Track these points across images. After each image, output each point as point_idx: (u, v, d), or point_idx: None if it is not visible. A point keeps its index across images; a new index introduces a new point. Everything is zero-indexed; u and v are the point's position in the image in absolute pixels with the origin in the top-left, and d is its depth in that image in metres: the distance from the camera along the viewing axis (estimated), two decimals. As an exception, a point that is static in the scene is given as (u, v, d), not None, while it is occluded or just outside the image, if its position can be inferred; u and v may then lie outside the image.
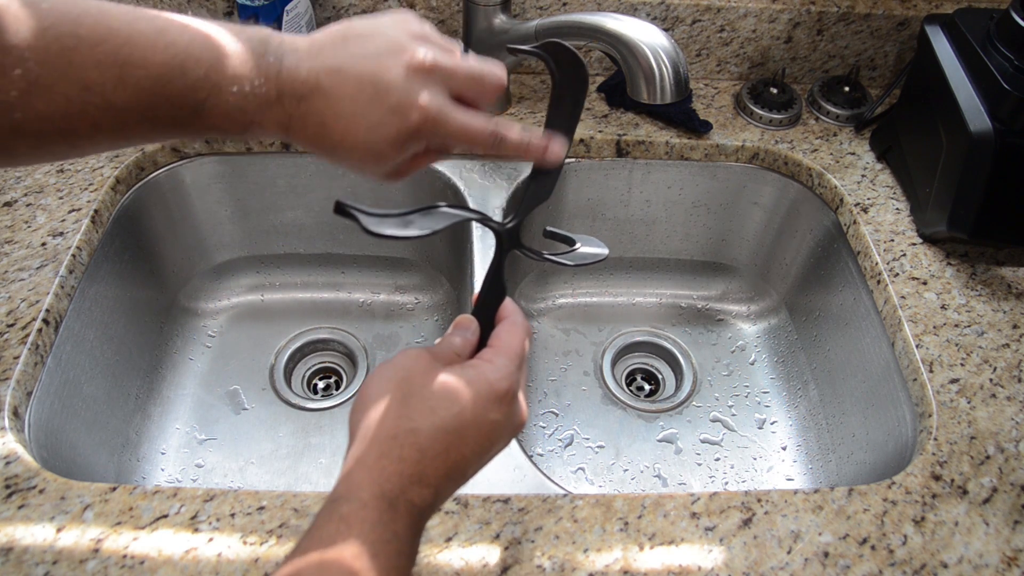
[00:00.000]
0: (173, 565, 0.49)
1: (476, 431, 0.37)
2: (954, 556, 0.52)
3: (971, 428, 0.59)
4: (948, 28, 0.72)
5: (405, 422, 0.36)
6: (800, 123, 0.85)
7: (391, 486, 0.35)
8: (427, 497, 0.36)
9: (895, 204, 0.77)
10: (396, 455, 0.35)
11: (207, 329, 0.87)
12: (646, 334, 0.91)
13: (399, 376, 0.38)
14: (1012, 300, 0.69)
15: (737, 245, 0.91)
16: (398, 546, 0.34)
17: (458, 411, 0.36)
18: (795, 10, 0.82)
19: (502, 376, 0.38)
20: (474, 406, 0.37)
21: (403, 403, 0.37)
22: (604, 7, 0.82)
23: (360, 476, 0.35)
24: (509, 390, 0.38)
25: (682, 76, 0.66)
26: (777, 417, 0.84)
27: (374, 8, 0.81)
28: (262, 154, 0.81)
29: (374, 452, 0.35)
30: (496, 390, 0.38)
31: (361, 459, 0.35)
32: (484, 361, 0.39)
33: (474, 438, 0.37)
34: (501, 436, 0.39)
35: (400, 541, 0.34)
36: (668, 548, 0.52)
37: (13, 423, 0.57)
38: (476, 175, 0.80)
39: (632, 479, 0.79)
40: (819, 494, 0.55)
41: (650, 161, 0.83)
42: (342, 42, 0.38)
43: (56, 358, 0.64)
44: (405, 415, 0.36)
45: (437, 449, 0.36)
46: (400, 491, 0.35)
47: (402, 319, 0.90)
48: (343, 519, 0.34)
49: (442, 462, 0.36)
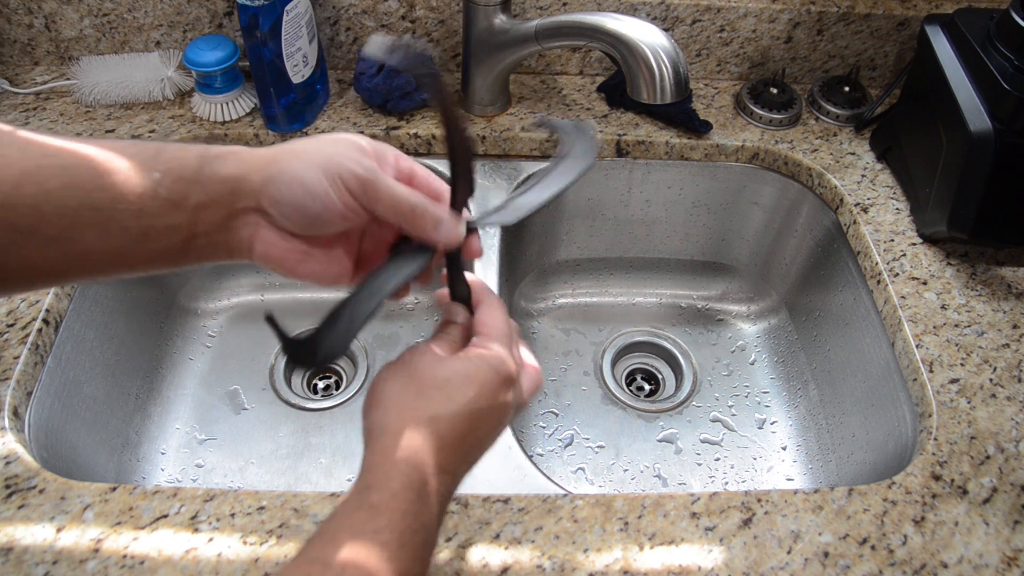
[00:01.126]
0: (173, 565, 0.49)
1: (489, 414, 0.38)
2: (954, 556, 0.52)
3: (971, 428, 0.59)
4: (948, 28, 0.72)
5: (424, 412, 0.37)
6: (800, 123, 0.85)
7: (418, 475, 0.35)
8: (448, 484, 0.37)
9: (895, 204, 0.77)
10: (420, 445, 0.36)
11: (207, 329, 0.87)
12: (646, 334, 0.91)
13: (409, 371, 0.38)
14: (1012, 300, 0.69)
15: (737, 245, 0.91)
16: (425, 536, 0.35)
17: (473, 396, 0.37)
18: (795, 10, 0.82)
19: (501, 360, 0.39)
20: (486, 391, 0.38)
21: (419, 395, 0.37)
22: (604, 7, 0.82)
23: (387, 467, 0.35)
24: (511, 372, 0.39)
25: (682, 76, 0.66)
26: (777, 417, 0.84)
27: (374, 8, 0.81)
28: (262, 154, 0.81)
29: (399, 443, 0.36)
30: (500, 374, 0.39)
31: (386, 451, 0.36)
32: (480, 348, 0.40)
33: (488, 421, 0.38)
34: (509, 414, 0.40)
35: (427, 531, 0.35)
36: (668, 548, 0.52)
37: (13, 423, 0.57)
38: (476, 175, 0.80)
39: (632, 479, 0.79)
40: (819, 494, 0.55)
41: (650, 161, 0.83)
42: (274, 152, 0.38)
43: (56, 358, 0.64)
44: (423, 406, 0.37)
45: (456, 435, 0.37)
46: (426, 480, 0.35)
47: (402, 319, 0.90)
48: (373, 507, 0.34)
49: (460, 447, 0.37)
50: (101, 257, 0.35)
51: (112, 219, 0.34)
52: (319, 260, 0.39)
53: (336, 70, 0.87)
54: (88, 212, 0.34)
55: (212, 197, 0.36)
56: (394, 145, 0.80)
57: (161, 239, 0.35)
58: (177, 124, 0.79)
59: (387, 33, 0.84)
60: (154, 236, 0.35)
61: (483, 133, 0.81)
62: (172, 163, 0.36)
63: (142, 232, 0.35)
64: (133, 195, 0.34)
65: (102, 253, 0.35)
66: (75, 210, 0.33)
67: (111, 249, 0.35)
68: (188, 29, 0.83)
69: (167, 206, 0.35)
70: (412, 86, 0.79)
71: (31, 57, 0.85)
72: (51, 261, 0.34)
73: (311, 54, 0.77)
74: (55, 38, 0.83)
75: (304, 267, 0.39)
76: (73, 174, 0.34)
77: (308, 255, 0.39)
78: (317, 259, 0.39)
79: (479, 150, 0.82)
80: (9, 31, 0.82)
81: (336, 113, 0.82)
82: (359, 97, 0.83)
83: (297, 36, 0.73)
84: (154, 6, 0.81)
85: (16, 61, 0.85)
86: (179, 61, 0.81)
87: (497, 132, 0.81)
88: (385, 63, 0.37)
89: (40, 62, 0.85)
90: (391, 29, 0.83)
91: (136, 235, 0.35)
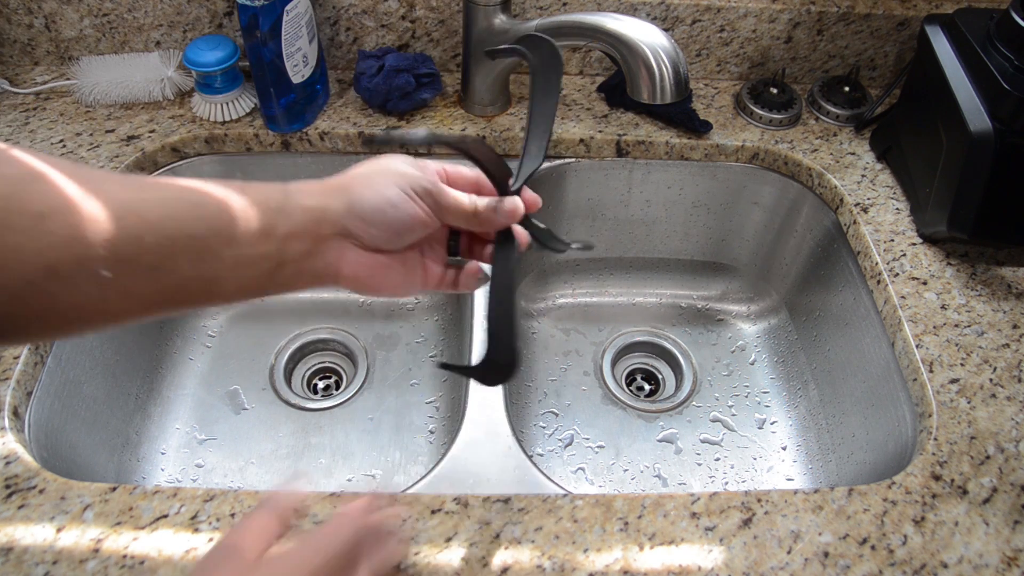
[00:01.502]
0: (173, 565, 0.49)
1: None
2: (954, 556, 0.52)
3: (971, 428, 0.59)
4: (948, 28, 0.72)
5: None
6: (800, 123, 0.85)
7: None
8: None
9: (895, 204, 0.77)
10: None
11: (207, 329, 0.87)
12: (646, 334, 0.91)
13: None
14: (1012, 300, 0.69)
15: (737, 245, 0.91)
16: None
17: None
18: (795, 10, 0.82)
19: None
20: None
21: None
22: (604, 7, 0.82)
23: None
24: None
25: (682, 76, 0.66)
26: (777, 417, 0.84)
27: (374, 8, 0.81)
28: (262, 154, 0.81)
29: None
30: None
31: None
32: None
33: None
34: None
35: None
36: (668, 548, 0.52)
37: (13, 423, 0.57)
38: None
39: (632, 479, 0.79)
40: (819, 494, 0.55)
41: (650, 161, 0.83)
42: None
43: (56, 358, 0.64)
44: None
45: None
46: None
47: (402, 319, 0.90)
48: None
49: None
50: (195, 285, 0.37)
51: (207, 248, 0.36)
52: (399, 272, 0.43)
53: (336, 70, 0.87)
54: (185, 241, 0.35)
55: (299, 226, 0.39)
56: (395, 145, 0.81)
57: (252, 268, 0.38)
58: (177, 124, 0.79)
59: (387, 33, 0.84)
60: (245, 264, 0.37)
61: (483, 133, 0.81)
62: (259, 196, 0.38)
63: (234, 261, 0.37)
64: (227, 225, 0.37)
65: (197, 281, 0.36)
66: (173, 239, 0.35)
67: (205, 277, 0.37)
68: (188, 29, 0.83)
69: (258, 236, 0.38)
70: (412, 86, 0.79)
71: (31, 57, 0.85)
72: (149, 291, 0.35)
73: (311, 54, 0.77)
74: (55, 38, 0.83)
75: (389, 281, 0.43)
76: (172, 206, 0.36)
77: (390, 268, 0.42)
78: (397, 271, 0.43)
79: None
80: (9, 31, 0.82)
81: (336, 113, 0.82)
82: (359, 97, 0.83)
83: (297, 36, 0.73)
84: (154, 6, 0.81)
85: (16, 61, 0.85)
86: (179, 61, 0.81)
87: (497, 132, 0.81)
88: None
89: (40, 62, 0.85)
90: (391, 29, 0.83)
91: (229, 264, 0.37)
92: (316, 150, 0.81)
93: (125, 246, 0.34)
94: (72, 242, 0.32)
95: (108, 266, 0.33)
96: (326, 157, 0.82)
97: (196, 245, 0.36)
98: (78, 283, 0.33)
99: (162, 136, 0.78)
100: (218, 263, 0.37)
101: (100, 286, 0.33)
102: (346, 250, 0.40)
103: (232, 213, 0.37)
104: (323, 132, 0.80)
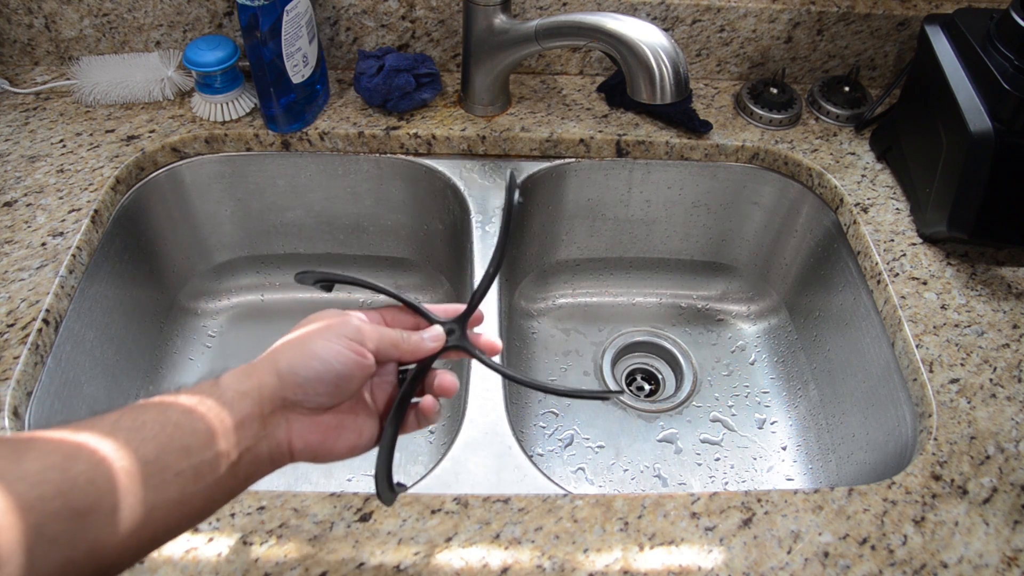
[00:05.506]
0: (173, 565, 0.49)
1: None
2: (954, 556, 0.52)
3: (971, 428, 0.59)
4: (948, 28, 0.72)
5: None
6: (800, 123, 0.85)
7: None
8: None
9: (895, 204, 0.77)
10: None
11: (207, 329, 0.87)
12: (646, 334, 0.91)
13: None
14: (1012, 300, 0.69)
15: (737, 245, 0.91)
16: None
17: None
18: (795, 10, 0.82)
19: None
20: None
21: None
22: (604, 7, 0.82)
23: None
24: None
25: (682, 76, 0.66)
26: (777, 417, 0.84)
27: (374, 8, 0.81)
28: (262, 154, 0.81)
29: None
30: None
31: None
32: None
33: None
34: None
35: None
36: (668, 548, 0.52)
37: (13, 423, 0.57)
38: (476, 175, 0.81)
39: (632, 479, 0.79)
40: (819, 494, 0.55)
41: (650, 161, 0.83)
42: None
43: (56, 358, 0.64)
44: None
45: None
46: None
47: (402, 319, 0.90)
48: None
49: None
50: (161, 512, 0.35)
51: (166, 467, 0.35)
52: (352, 429, 0.42)
53: (336, 70, 0.87)
54: (141, 468, 0.34)
55: (243, 413, 0.38)
56: (394, 145, 0.81)
57: (210, 472, 0.37)
58: (177, 124, 0.79)
59: (387, 33, 0.84)
60: (205, 471, 0.36)
61: (483, 133, 0.81)
62: (193, 399, 0.38)
63: (194, 472, 0.36)
64: (175, 440, 0.36)
65: (162, 507, 0.35)
66: (130, 475, 0.34)
67: (169, 501, 0.35)
68: (188, 29, 0.83)
69: (206, 438, 0.37)
70: (412, 86, 0.79)
71: (31, 57, 0.85)
72: (119, 536, 0.34)
73: (311, 54, 0.77)
74: (55, 38, 0.83)
75: (343, 441, 0.42)
76: (112, 441, 0.34)
77: (341, 428, 0.42)
78: (350, 428, 0.42)
79: (479, 150, 0.82)
80: (9, 31, 0.82)
81: (336, 113, 0.82)
82: (359, 97, 0.83)
83: (297, 36, 0.73)
84: (154, 6, 0.81)
85: (16, 61, 0.85)
86: (179, 61, 0.81)
87: (497, 132, 0.81)
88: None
89: (40, 62, 0.85)
90: (391, 29, 0.83)
91: (190, 477, 0.36)
92: (316, 150, 0.81)
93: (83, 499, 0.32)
94: None
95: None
96: (326, 157, 0.82)
97: (149, 470, 0.35)
98: None
99: (162, 136, 0.78)
100: (178, 480, 0.35)
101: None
102: (293, 422, 0.40)
103: (174, 427, 0.36)
104: (323, 132, 0.80)
